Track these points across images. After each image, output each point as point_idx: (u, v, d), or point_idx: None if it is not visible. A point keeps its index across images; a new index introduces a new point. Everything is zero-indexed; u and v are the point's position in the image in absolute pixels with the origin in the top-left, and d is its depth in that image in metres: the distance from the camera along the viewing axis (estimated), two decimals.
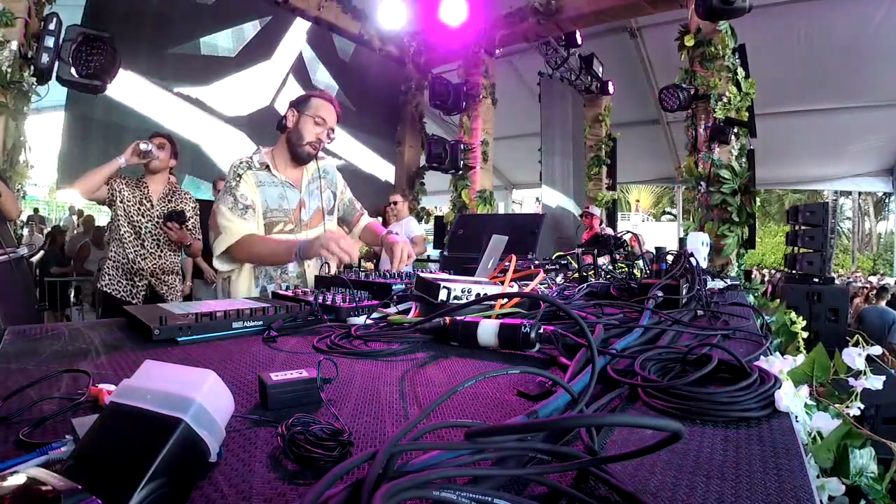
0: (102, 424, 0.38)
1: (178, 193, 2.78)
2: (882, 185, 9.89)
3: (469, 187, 6.11)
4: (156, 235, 2.66)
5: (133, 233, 2.63)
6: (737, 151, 4.29)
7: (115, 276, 2.63)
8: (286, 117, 1.75)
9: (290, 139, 1.76)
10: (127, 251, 2.62)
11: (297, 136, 1.75)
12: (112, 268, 2.64)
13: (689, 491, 0.40)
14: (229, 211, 1.64)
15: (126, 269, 2.63)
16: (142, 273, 2.64)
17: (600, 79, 7.38)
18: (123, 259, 2.63)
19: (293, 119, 1.75)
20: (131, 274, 2.64)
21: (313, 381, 0.59)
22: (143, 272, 2.65)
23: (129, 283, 2.64)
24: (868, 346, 0.93)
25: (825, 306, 3.96)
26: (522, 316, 0.98)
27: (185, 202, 2.77)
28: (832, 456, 0.80)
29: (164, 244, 2.70)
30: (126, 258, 2.62)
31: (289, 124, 1.75)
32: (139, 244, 2.64)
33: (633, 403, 0.61)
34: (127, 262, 2.63)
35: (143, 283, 2.66)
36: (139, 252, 2.63)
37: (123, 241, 2.62)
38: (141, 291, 2.65)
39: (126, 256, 2.62)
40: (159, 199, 2.69)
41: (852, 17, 5.98)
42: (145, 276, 2.66)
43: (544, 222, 2.27)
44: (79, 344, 0.87)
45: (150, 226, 2.64)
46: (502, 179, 11.82)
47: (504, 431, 0.39)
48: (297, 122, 1.75)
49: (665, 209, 23.78)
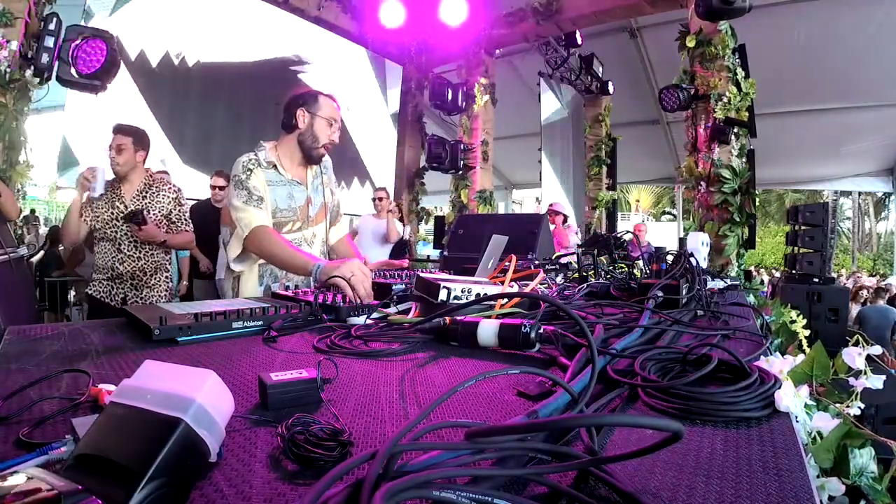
0: (102, 424, 0.38)
1: (155, 186, 2.64)
2: (882, 185, 9.90)
3: (469, 187, 6.11)
4: (132, 237, 2.56)
5: (108, 238, 2.55)
6: (737, 151, 4.29)
7: (99, 279, 2.58)
8: (295, 117, 1.73)
9: (304, 141, 1.75)
10: (106, 258, 2.56)
11: (311, 139, 1.74)
12: (97, 272, 2.59)
13: (689, 491, 0.40)
14: (244, 203, 1.63)
15: (107, 275, 2.57)
16: (121, 277, 2.57)
17: (600, 79, 7.38)
18: (103, 265, 2.56)
19: (305, 120, 1.74)
20: (112, 279, 2.57)
21: (313, 381, 0.59)
22: (123, 276, 2.57)
23: (110, 286, 2.58)
24: (868, 346, 0.93)
25: (825, 306, 3.96)
26: (522, 316, 0.98)
27: (165, 194, 2.64)
28: (832, 456, 0.80)
29: (141, 244, 2.59)
30: (105, 264, 2.56)
31: (300, 125, 1.74)
32: (115, 249, 2.55)
33: (633, 403, 0.61)
34: (107, 269, 2.56)
35: (122, 286, 2.58)
36: (116, 257, 2.56)
37: (101, 247, 2.57)
38: (119, 295, 2.58)
39: (105, 264, 2.56)
40: (133, 198, 2.58)
41: (852, 17, 5.98)
42: (125, 280, 2.58)
43: (544, 222, 2.27)
44: (79, 344, 0.87)
45: (126, 228, 2.54)
46: (502, 179, 11.83)
47: (504, 431, 0.39)
48: (312, 123, 1.74)
49: (665, 209, 23.78)
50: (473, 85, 6.07)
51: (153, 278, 2.65)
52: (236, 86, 5.30)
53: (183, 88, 4.89)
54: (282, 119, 1.78)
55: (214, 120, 5.13)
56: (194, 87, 4.99)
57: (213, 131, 5.11)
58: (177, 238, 2.69)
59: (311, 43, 6.08)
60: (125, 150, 2.54)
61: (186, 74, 4.92)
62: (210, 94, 5.11)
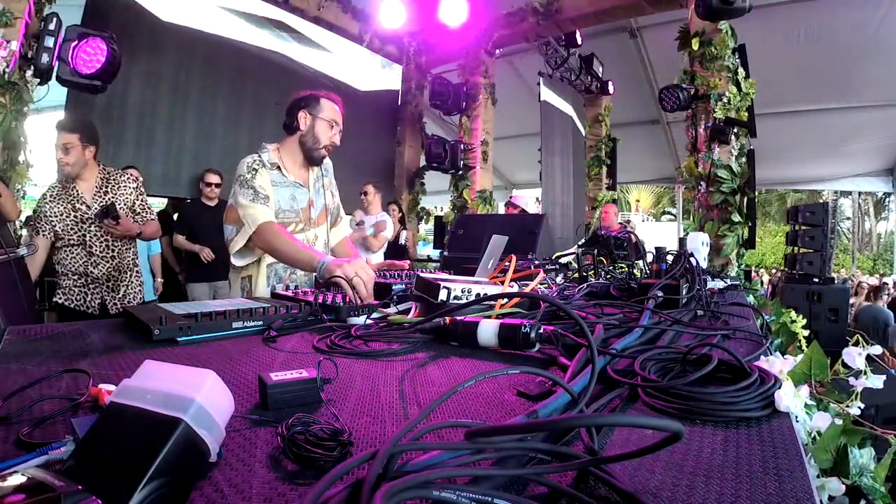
0: (102, 424, 0.38)
1: (113, 180, 2.52)
2: (882, 185, 9.89)
3: (469, 187, 6.11)
4: (102, 237, 2.45)
5: (76, 243, 2.41)
6: (737, 151, 4.29)
7: (69, 286, 2.44)
8: (297, 119, 1.74)
9: (305, 143, 1.76)
10: (76, 264, 2.41)
11: (313, 140, 1.76)
12: (65, 279, 2.44)
13: (689, 491, 0.40)
14: (251, 201, 1.63)
15: (80, 280, 2.44)
16: (97, 281, 2.45)
17: (600, 79, 7.38)
18: (73, 270, 2.42)
19: (307, 122, 1.75)
20: (85, 284, 2.45)
21: (313, 381, 0.59)
22: (98, 280, 2.45)
23: (84, 293, 2.45)
24: (868, 346, 0.93)
25: (825, 306, 3.96)
26: (522, 316, 0.98)
27: (125, 185, 2.52)
28: (830, 456, 0.80)
29: (113, 243, 2.48)
30: (76, 270, 2.42)
31: (302, 127, 1.75)
32: (86, 253, 2.42)
33: (633, 403, 0.61)
34: (79, 275, 2.43)
35: (97, 290, 2.47)
36: (88, 261, 2.42)
37: (67, 254, 2.42)
38: (97, 299, 2.47)
39: (76, 269, 2.42)
40: (94, 195, 2.45)
41: (852, 17, 5.98)
42: (100, 283, 2.47)
43: (544, 222, 2.27)
44: (79, 344, 0.87)
45: (94, 229, 2.42)
46: (502, 179, 11.81)
47: (504, 431, 0.39)
48: (313, 125, 1.75)
49: (665, 209, 23.77)
50: (474, 85, 6.07)
51: (128, 277, 2.57)
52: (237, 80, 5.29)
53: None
54: (283, 121, 1.79)
55: (215, 119, 5.12)
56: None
57: (213, 130, 5.10)
58: (149, 228, 2.59)
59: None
60: (73, 149, 2.39)
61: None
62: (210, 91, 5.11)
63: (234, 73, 5.22)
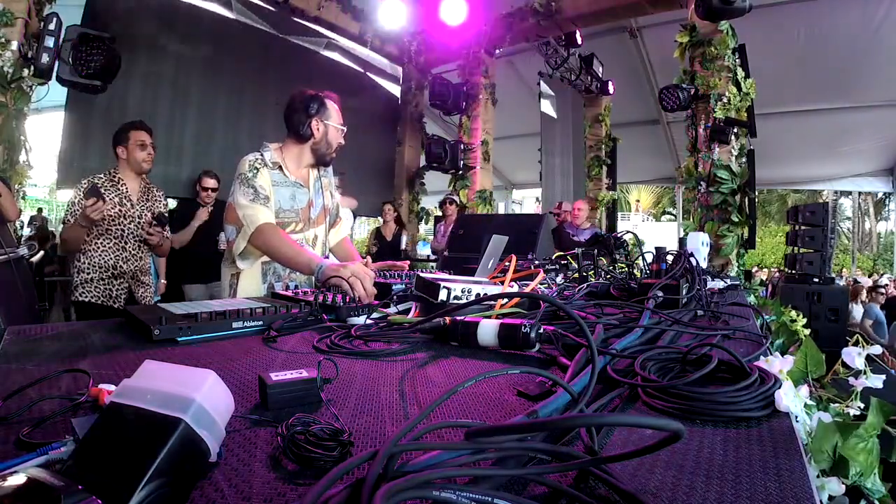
0: (102, 424, 0.38)
1: (152, 192, 2.65)
2: (882, 185, 9.88)
3: (469, 187, 6.11)
4: (138, 237, 2.53)
5: (115, 235, 2.48)
6: (737, 151, 4.29)
7: (92, 282, 2.46)
8: (311, 128, 1.75)
9: (319, 149, 1.79)
10: (106, 256, 2.47)
11: (326, 147, 1.79)
12: (88, 274, 2.46)
13: (689, 491, 0.40)
14: (250, 202, 1.64)
15: (105, 274, 2.48)
16: (123, 276, 2.51)
17: (600, 79, 7.38)
18: (102, 264, 2.47)
19: (320, 130, 1.76)
20: (111, 278, 2.49)
21: (313, 381, 0.59)
22: (125, 275, 2.51)
23: (108, 287, 2.49)
24: (868, 346, 0.93)
25: (825, 306, 3.96)
26: (522, 316, 0.98)
27: (160, 201, 2.65)
28: (828, 455, 0.80)
29: (143, 245, 2.58)
30: (106, 264, 2.47)
31: (317, 136, 1.77)
32: (121, 247, 2.50)
33: (633, 403, 0.61)
34: (107, 268, 2.48)
35: (123, 286, 2.52)
36: (121, 255, 2.49)
37: (101, 245, 2.46)
38: (122, 295, 2.52)
39: (105, 262, 2.47)
40: (138, 198, 2.57)
41: (852, 17, 5.98)
42: (126, 279, 2.52)
43: (544, 222, 2.27)
44: (79, 344, 0.87)
45: (133, 227, 2.51)
46: (502, 179, 11.82)
47: (504, 431, 0.39)
48: (326, 133, 1.77)
49: (665, 209, 23.76)
50: (474, 85, 6.07)
51: (147, 277, 2.67)
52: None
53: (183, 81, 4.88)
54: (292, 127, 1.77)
55: (215, 119, 5.12)
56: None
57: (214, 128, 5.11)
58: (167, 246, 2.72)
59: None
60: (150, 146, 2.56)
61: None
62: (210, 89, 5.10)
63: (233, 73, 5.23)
